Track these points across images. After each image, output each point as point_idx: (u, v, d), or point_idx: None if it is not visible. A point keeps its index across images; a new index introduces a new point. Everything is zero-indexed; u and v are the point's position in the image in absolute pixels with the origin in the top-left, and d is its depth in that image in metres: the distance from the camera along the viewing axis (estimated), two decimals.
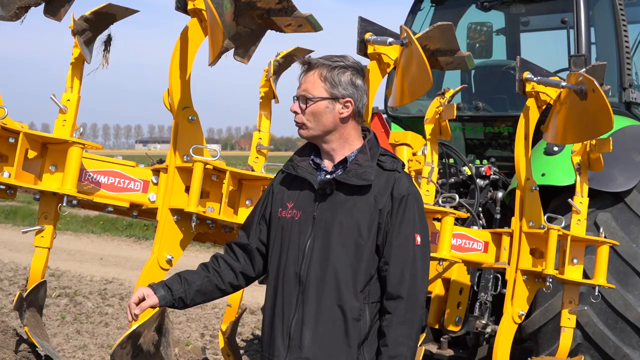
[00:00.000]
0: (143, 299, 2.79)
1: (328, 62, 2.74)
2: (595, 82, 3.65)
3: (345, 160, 2.76)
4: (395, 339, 2.63)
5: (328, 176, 2.75)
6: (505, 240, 4.52)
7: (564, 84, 4.10)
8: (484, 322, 5.36)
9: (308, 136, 2.78)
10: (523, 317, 4.44)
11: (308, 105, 2.73)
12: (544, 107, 4.38)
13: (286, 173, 2.85)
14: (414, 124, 6.05)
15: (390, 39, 4.01)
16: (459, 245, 4.52)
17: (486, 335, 5.41)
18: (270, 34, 3.74)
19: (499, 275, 5.38)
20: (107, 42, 3.79)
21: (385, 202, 2.69)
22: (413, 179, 4.77)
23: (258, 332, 7.56)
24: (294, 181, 2.81)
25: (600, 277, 4.46)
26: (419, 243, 2.70)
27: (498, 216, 5.61)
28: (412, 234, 2.69)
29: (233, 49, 3.67)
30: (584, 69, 4.19)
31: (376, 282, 2.71)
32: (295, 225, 2.75)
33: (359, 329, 2.66)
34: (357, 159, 2.73)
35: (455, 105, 4.54)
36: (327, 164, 2.79)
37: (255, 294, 8.84)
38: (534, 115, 4.37)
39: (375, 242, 2.69)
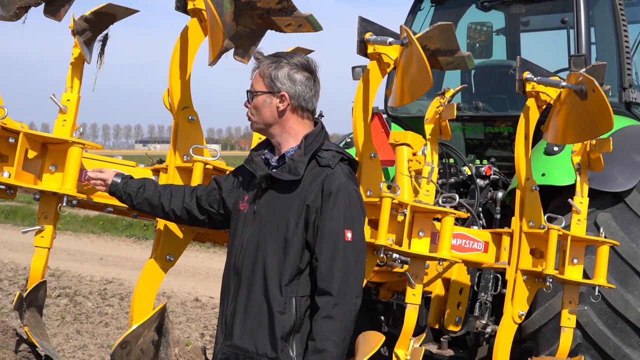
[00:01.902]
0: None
1: (271, 58, 2.89)
2: (595, 82, 3.65)
3: (284, 156, 2.86)
4: (322, 334, 2.68)
5: (273, 171, 2.85)
6: (505, 240, 4.51)
7: (564, 84, 4.10)
8: (484, 322, 5.36)
9: (255, 129, 2.95)
10: (523, 317, 4.44)
11: (252, 99, 2.88)
12: (544, 107, 4.37)
13: None
14: (414, 124, 6.05)
15: (390, 39, 4.00)
16: (459, 245, 4.51)
17: (486, 335, 5.40)
18: (270, 34, 3.73)
19: (499, 275, 5.37)
20: (103, 41, 3.79)
21: (314, 197, 2.74)
22: (413, 179, 4.79)
23: None
24: (253, 176, 2.92)
25: (600, 277, 4.46)
26: (349, 239, 2.73)
27: (498, 216, 5.61)
28: (341, 230, 2.73)
29: (233, 49, 3.67)
30: (584, 69, 4.18)
31: (307, 276, 2.76)
32: (242, 218, 2.88)
33: (283, 322, 2.72)
34: (293, 155, 2.82)
35: (455, 105, 4.53)
36: (275, 159, 2.90)
37: None
38: (534, 115, 4.37)
39: (304, 237, 2.74)
